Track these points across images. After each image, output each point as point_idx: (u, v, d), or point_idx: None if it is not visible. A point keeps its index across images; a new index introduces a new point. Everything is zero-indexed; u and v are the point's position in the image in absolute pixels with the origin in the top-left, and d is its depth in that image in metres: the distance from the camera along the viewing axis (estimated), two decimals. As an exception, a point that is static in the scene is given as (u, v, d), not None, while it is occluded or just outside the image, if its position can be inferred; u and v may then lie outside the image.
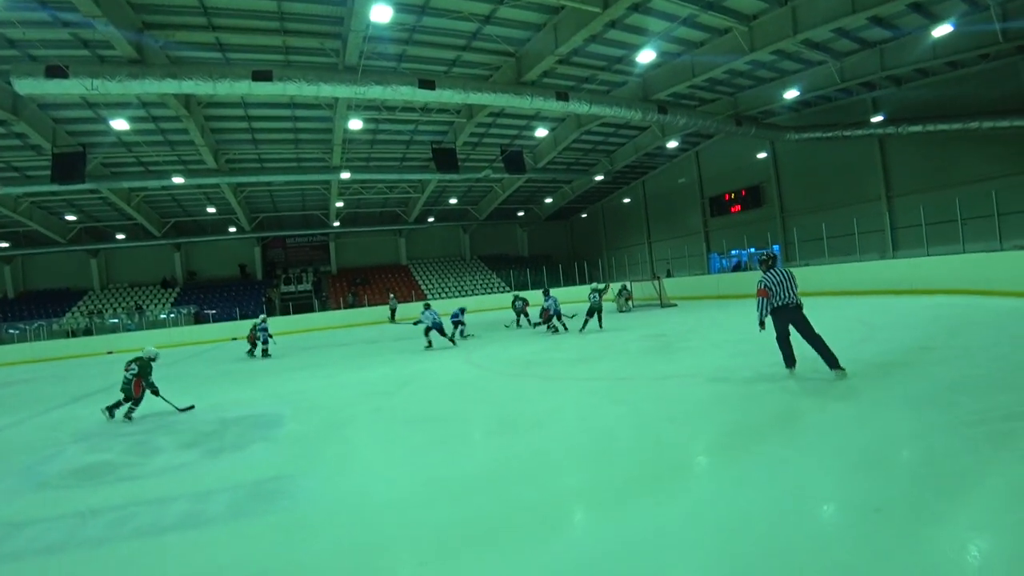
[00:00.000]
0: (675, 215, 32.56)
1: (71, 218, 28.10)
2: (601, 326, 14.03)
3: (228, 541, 3.46)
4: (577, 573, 2.70)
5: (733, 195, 28.66)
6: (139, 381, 7.73)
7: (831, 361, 6.07)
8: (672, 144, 26.75)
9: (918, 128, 19.09)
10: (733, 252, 28.76)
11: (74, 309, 29.57)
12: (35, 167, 20.41)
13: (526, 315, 17.42)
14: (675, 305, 19.72)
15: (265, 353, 15.62)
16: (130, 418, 7.63)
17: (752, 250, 27.58)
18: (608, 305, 17.72)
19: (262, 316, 16.90)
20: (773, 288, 6.36)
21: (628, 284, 21.26)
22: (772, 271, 6.45)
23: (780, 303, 6.39)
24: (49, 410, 9.40)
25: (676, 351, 9.32)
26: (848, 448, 4.00)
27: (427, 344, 13.30)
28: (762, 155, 26.47)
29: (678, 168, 31.75)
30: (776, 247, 25.82)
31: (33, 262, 31.45)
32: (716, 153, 29.19)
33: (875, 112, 20.85)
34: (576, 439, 4.98)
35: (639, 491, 3.65)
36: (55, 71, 12.08)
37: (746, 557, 2.68)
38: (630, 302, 20.33)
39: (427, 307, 14.04)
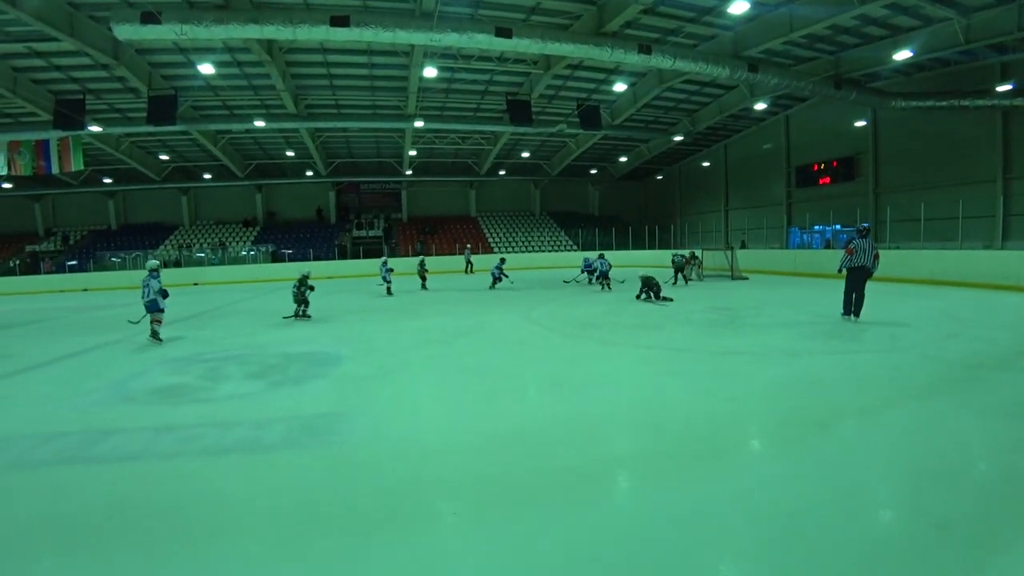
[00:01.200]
0: (756, 183, 30.67)
1: (164, 157, 30.01)
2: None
3: (280, 468, 3.67)
4: (609, 543, 2.65)
5: (823, 165, 26.53)
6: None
7: (857, 312, 8.76)
8: (760, 106, 24.92)
9: (1055, 100, 16.77)
10: (816, 227, 26.97)
11: (167, 242, 32.01)
12: (134, 109, 21.76)
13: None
14: (746, 278, 18.81)
15: (388, 292, 16.84)
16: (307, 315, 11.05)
17: (837, 227, 25.77)
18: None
19: (384, 258, 17.94)
20: (856, 250, 8.82)
21: (699, 252, 20.43)
22: (863, 239, 8.88)
23: (857, 264, 8.81)
24: (139, 333, 10.23)
25: (742, 327, 8.89)
26: (916, 453, 3.67)
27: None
28: (860, 123, 24.19)
29: (764, 133, 29.70)
30: (866, 225, 23.97)
31: (132, 197, 34.10)
32: (808, 119, 26.97)
33: (1003, 80, 18.41)
34: (626, 407, 4.88)
35: (684, 468, 3.53)
36: (149, 17, 12.74)
37: (786, 555, 2.53)
38: (699, 270, 19.55)
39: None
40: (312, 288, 11.11)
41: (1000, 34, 15.62)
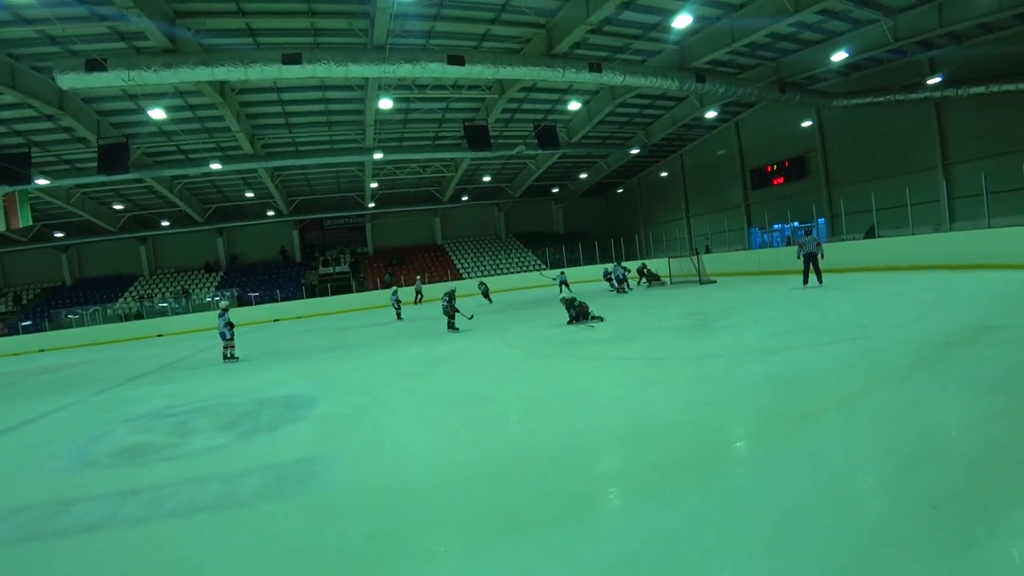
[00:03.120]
0: (714, 189, 31.50)
1: (119, 207, 29.22)
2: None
3: (258, 522, 3.48)
4: (608, 564, 2.57)
5: (776, 166, 27.45)
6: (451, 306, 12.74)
7: (819, 279, 13.40)
8: (711, 115, 25.74)
9: (980, 89, 17.72)
10: (776, 226, 27.74)
11: (126, 294, 30.97)
12: (83, 159, 21.19)
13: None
14: (714, 282, 19.17)
15: (399, 317, 19.06)
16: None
17: (796, 224, 26.55)
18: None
19: (394, 288, 21.34)
20: (805, 244, 13.57)
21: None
22: (807, 236, 14.20)
23: (805, 252, 13.39)
24: (102, 391, 9.82)
25: (716, 329, 8.99)
26: (901, 438, 3.69)
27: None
28: (807, 124, 25.20)
29: (717, 140, 30.63)
30: (821, 220, 24.78)
31: (87, 250, 32.99)
32: (757, 123, 27.97)
33: (932, 73, 19.47)
34: (611, 421, 4.82)
35: (676, 478, 3.48)
36: (94, 65, 12.43)
37: (788, 554, 2.50)
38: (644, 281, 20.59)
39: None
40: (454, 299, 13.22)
41: (924, 31, 16.57)
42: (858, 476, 3.29)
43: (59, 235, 30.38)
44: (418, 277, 28.85)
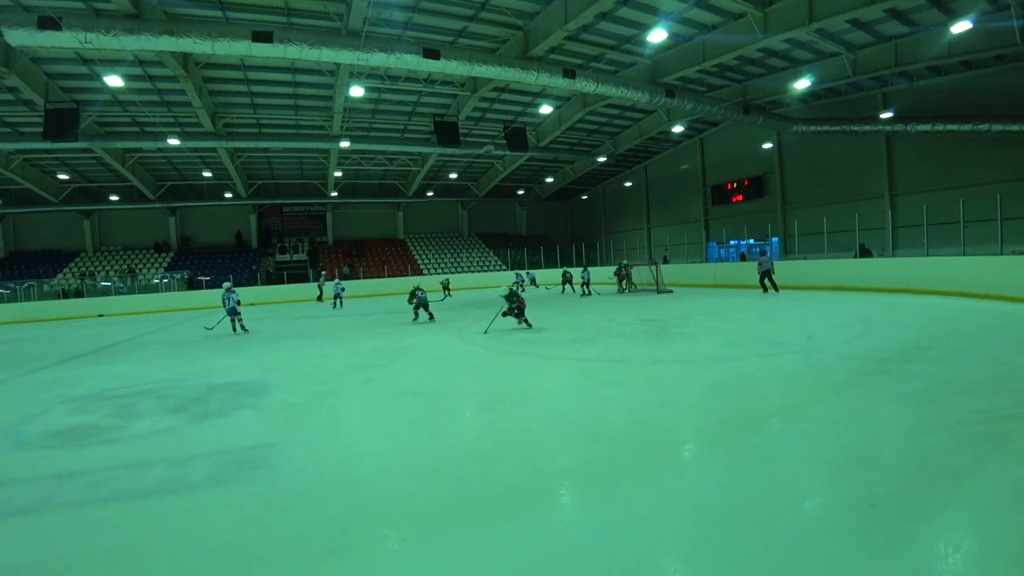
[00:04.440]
0: (676, 202, 32.36)
1: (64, 177, 27.60)
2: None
3: (207, 508, 3.39)
4: (558, 556, 2.64)
5: (736, 184, 28.44)
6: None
7: (775, 288, 16.52)
8: (677, 129, 26.40)
9: (927, 127, 18.83)
10: (732, 242, 28.69)
11: (66, 270, 29.29)
12: (27, 123, 19.98)
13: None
14: (671, 291, 19.65)
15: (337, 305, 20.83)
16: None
17: (751, 241, 27.54)
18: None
19: (336, 280, 22.81)
20: (761, 262, 16.50)
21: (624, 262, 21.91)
22: (763, 256, 16.67)
23: (762, 270, 16.38)
24: (36, 370, 9.29)
25: (671, 336, 9.24)
26: (842, 443, 3.95)
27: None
28: (767, 145, 26.21)
29: (682, 154, 31.46)
30: (775, 239, 25.74)
31: (25, 221, 31.00)
32: (721, 141, 28.90)
33: (885, 108, 20.60)
34: (566, 419, 4.91)
35: (627, 475, 3.58)
36: (47, 22, 11.73)
37: (734, 549, 2.61)
38: (627, 283, 20.94)
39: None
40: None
41: (880, 68, 17.56)
42: (800, 477, 3.48)
43: (-6, 203, 28.53)
44: (323, 272, 28.64)
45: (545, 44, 15.66)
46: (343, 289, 21.92)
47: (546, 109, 22.38)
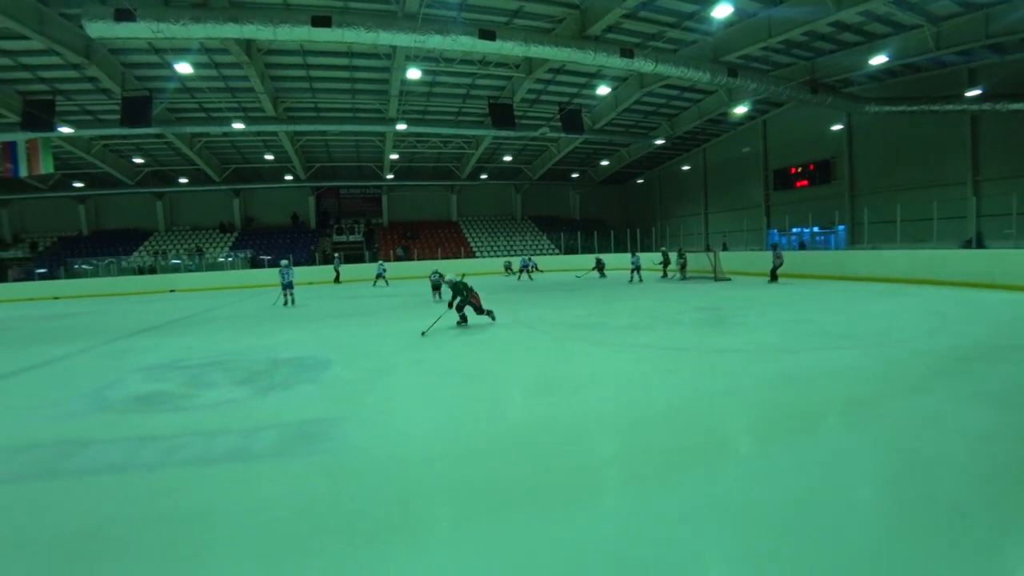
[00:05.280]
0: (736, 186, 31.14)
1: (139, 161, 29.22)
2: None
3: (272, 477, 3.49)
4: (605, 545, 2.56)
5: (800, 169, 27.06)
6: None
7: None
8: (739, 110, 25.14)
9: (1019, 106, 17.27)
10: (795, 229, 27.43)
11: (141, 248, 31.17)
12: (106, 110, 21.19)
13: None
14: (729, 279, 18.99)
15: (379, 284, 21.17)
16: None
17: (816, 228, 26.25)
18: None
19: (380, 262, 24.04)
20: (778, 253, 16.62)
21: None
22: (777, 247, 16.70)
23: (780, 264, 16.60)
24: (115, 340, 9.89)
25: (731, 325, 8.91)
26: (919, 443, 3.64)
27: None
28: (836, 127, 24.74)
29: (743, 137, 30.18)
30: (842, 227, 24.43)
31: (105, 202, 33.17)
32: (785, 123, 27.51)
33: (971, 85, 18.98)
34: (621, 405, 4.80)
35: (682, 465, 3.45)
36: (124, 14, 12.36)
37: (787, 548, 2.45)
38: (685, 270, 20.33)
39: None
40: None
41: (968, 41, 16.11)
42: (872, 477, 3.23)
43: (78, 185, 30.56)
44: (337, 255, 27.84)
45: (602, 23, 15.26)
46: (385, 270, 23.11)
47: (603, 90, 21.90)
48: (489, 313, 9.77)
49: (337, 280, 25.88)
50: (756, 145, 29.35)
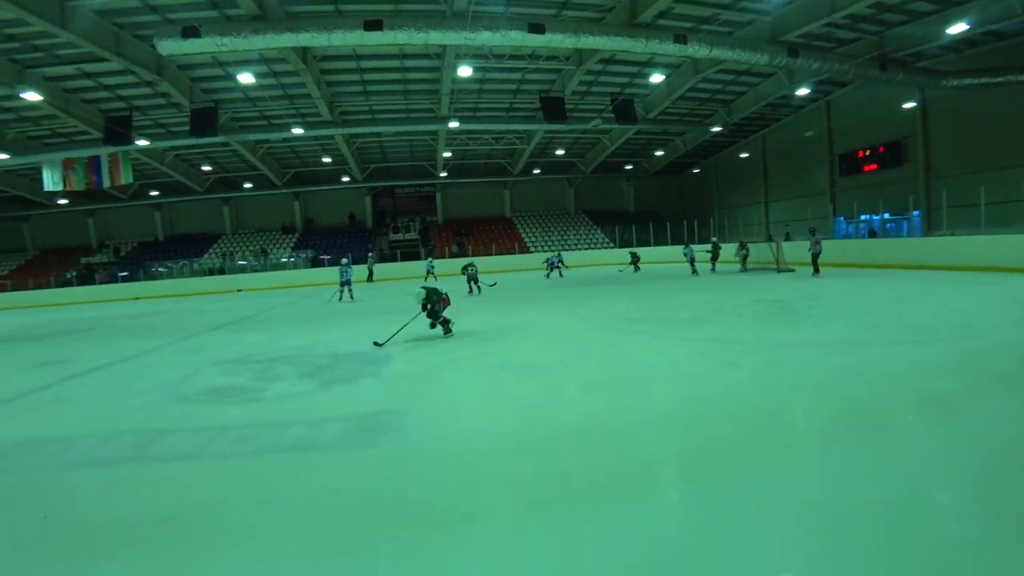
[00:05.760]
0: (798, 173, 29.69)
1: (206, 169, 30.88)
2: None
3: (339, 467, 3.59)
4: (669, 542, 2.47)
5: (868, 152, 25.44)
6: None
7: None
8: (801, 92, 23.80)
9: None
10: (863, 216, 25.89)
11: (211, 251, 32.96)
12: (177, 123, 22.44)
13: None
14: (793, 270, 18.17)
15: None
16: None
17: (887, 215, 24.71)
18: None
19: (429, 259, 24.29)
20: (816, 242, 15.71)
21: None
22: (816, 235, 15.95)
23: (817, 251, 15.67)
24: (189, 337, 10.48)
25: (798, 318, 8.51)
26: (1003, 443, 3.32)
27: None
28: (908, 105, 23.04)
29: (805, 120, 28.74)
30: (917, 212, 22.89)
31: (177, 208, 35.27)
32: (851, 104, 25.94)
33: (1065, 51, 17.36)
34: (683, 400, 4.65)
35: (750, 462, 3.29)
36: (190, 32, 13.11)
37: (869, 558, 2.26)
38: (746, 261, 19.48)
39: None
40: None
41: (1063, 2, 14.68)
42: (955, 480, 2.96)
43: (154, 193, 32.61)
44: (371, 254, 27.54)
45: (653, 9, 14.85)
46: (433, 266, 23.73)
47: (656, 78, 21.30)
48: (445, 324, 8.59)
49: (370, 279, 25.64)
50: (819, 128, 27.89)
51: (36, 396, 6.15)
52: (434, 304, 8.52)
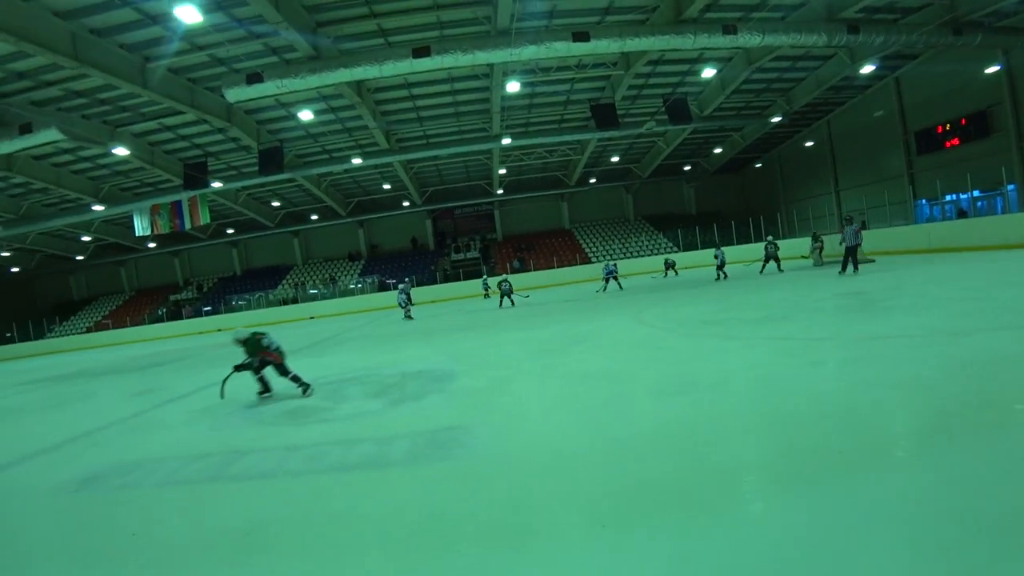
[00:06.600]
0: (870, 157, 27.86)
1: (276, 204, 32.76)
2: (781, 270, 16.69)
3: (408, 483, 3.57)
4: (757, 554, 2.26)
5: (948, 126, 23.46)
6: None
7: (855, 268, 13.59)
8: (866, 70, 22.17)
9: None
10: (949, 196, 23.93)
11: (284, 282, 34.73)
12: (246, 164, 24.03)
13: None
14: (872, 261, 16.93)
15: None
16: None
17: (976, 192, 22.73)
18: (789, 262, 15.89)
19: (502, 276, 21.20)
20: (846, 235, 13.61)
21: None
22: (849, 225, 13.72)
23: (851, 243, 13.50)
24: (267, 364, 10.97)
25: (883, 310, 7.87)
26: None
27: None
28: (992, 69, 21.09)
29: (872, 100, 26.98)
30: (1012, 186, 20.91)
31: (252, 244, 37.56)
32: (923, 76, 24.02)
33: None
34: (763, 402, 4.36)
35: (856, 464, 2.98)
36: (254, 78, 14.08)
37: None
38: (821, 254, 18.27)
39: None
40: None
41: None
42: None
43: (230, 231, 34.92)
44: (406, 280, 25.65)
45: (699, 2, 14.45)
46: (488, 284, 24.22)
47: (707, 73, 20.63)
48: (296, 379, 6.91)
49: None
50: (890, 107, 26.08)
51: (131, 422, 6.58)
52: (255, 361, 6.76)
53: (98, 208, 24.34)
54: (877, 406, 3.92)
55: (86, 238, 31.53)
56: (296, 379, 6.87)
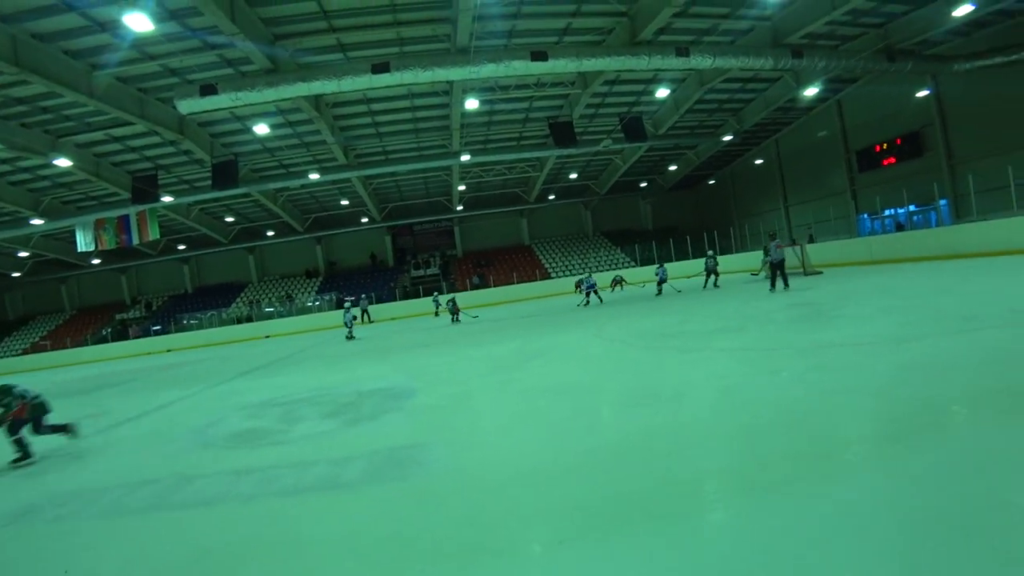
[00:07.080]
0: (815, 174, 29.20)
1: (230, 220, 31.81)
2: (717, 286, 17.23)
3: (363, 504, 3.48)
4: (721, 566, 2.28)
5: (886, 145, 24.88)
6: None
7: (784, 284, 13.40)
8: (810, 92, 23.28)
9: None
10: (888, 211, 25.28)
11: (238, 299, 33.68)
12: (199, 178, 23.30)
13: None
14: (820, 273, 17.67)
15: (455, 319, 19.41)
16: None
17: (912, 207, 24.11)
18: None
19: (450, 296, 21.97)
20: (771, 251, 13.87)
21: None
22: (772, 242, 14.18)
23: (776, 259, 13.63)
24: (217, 384, 10.58)
25: (833, 318, 8.19)
26: None
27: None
28: (922, 94, 22.57)
29: (816, 121, 28.39)
30: (944, 201, 22.25)
31: (204, 261, 36.30)
32: (862, 99, 25.52)
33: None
34: (723, 412, 4.45)
35: (809, 471, 3.07)
36: (207, 89, 13.69)
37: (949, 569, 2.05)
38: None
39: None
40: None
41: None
42: None
43: (181, 247, 33.67)
44: (363, 296, 27.38)
45: (653, 26, 14.91)
46: (439, 302, 23.78)
47: (661, 93, 21.21)
48: (65, 429, 6.11)
49: (368, 320, 25.36)
50: (833, 127, 27.51)
51: (71, 448, 6.21)
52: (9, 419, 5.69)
53: (37, 222, 23.08)
54: (832, 412, 4.05)
55: (23, 253, 29.81)
56: (65, 428, 6.03)
